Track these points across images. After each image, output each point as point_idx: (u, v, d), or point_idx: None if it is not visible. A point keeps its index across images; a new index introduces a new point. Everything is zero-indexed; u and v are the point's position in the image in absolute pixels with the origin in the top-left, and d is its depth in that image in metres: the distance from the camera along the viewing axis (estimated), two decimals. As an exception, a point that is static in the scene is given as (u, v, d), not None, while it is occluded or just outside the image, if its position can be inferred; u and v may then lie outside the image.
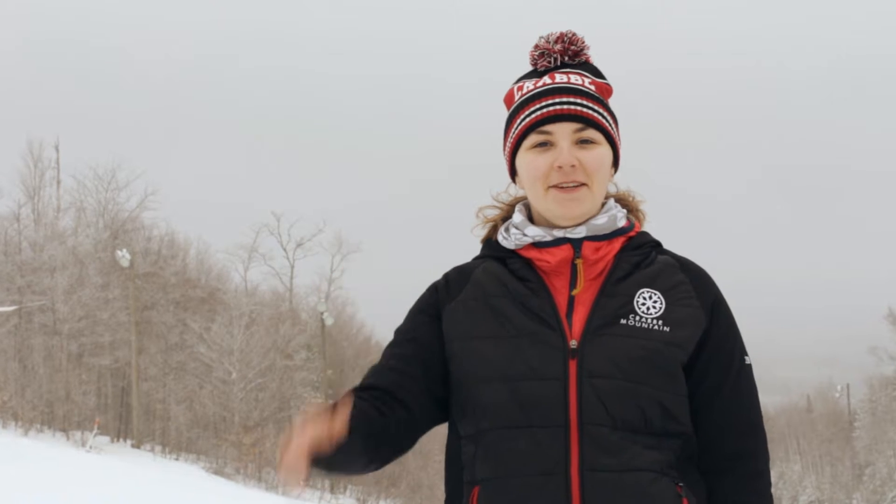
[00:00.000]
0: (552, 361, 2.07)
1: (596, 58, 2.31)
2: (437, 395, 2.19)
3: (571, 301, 2.14)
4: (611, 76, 2.30)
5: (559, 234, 2.17)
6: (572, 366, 2.07)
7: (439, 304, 2.23)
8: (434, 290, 2.27)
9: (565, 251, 2.16)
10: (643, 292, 2.14)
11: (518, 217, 2.24)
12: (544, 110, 2.17)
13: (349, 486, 39.92)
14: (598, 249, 2.17)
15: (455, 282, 2.25)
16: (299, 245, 53.63)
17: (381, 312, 57.92)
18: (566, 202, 2.15)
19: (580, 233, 2.17)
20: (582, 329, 2.10)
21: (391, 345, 2.26)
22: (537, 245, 2.19)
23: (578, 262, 2.16)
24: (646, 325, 2.10)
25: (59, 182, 44.88)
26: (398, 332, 2.27)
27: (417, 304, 2.27)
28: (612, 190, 2.29)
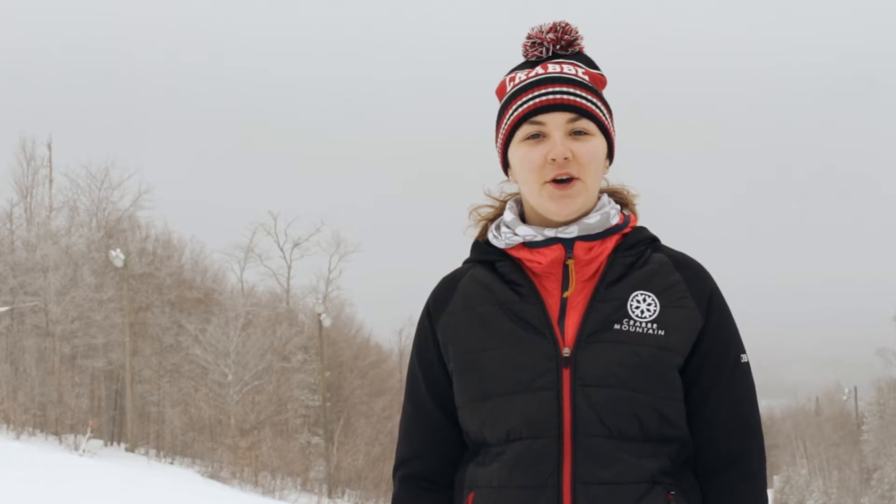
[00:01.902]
0: (545, 372, 2.04)
1: (597, 58, 2.25)
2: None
3: (563, 304, 2.09)
4: (611, 77, 2.25)
5: (550, 233, 2.11)
6: (566, 375, 2.03)
7: (434, 327, 2.20)
8: (427, 313, 2.23)
9: (556, 252, 2.11)
10: (637, 295, 2.09)
11: (509, 215, 2.19)
12: (537, 100, 2.12)
13: (347, 490, 39.65)
14: (590, 249, 2.11)
15: (442, 297, 2.21)
16: (296, 245, 53.06)
17: (380, 313, 57.71)
18: (561, 199, 2.09)
19: (572, 232, 2.11)
20: (575, 336, 2.06)
21: (411, 399, 2.24)
22: (528, 245, 2.13)
23: (570, 262, 2.11)
24: (640, 330, 2.06)
25: (51, 181, 44.35)
26: (412, 382, 2.24)
27: (418, 337, 2.24)
28: (604, 184, 2.22)
